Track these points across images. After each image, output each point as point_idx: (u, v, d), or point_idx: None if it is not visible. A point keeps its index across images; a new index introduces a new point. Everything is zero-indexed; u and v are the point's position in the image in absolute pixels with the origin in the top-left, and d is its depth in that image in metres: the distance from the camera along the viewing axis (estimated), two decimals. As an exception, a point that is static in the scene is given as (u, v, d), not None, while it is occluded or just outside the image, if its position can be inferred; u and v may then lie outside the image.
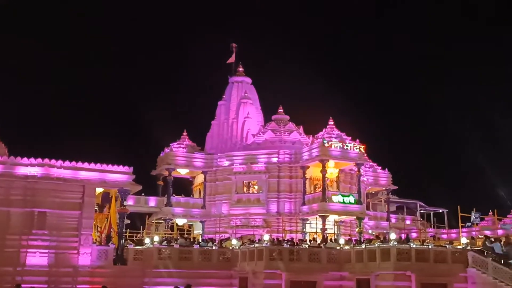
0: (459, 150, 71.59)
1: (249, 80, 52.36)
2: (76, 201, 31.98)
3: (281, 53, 70.74)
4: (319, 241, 37.17)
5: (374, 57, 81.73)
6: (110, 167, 33.25)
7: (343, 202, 41.28)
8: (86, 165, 32.71)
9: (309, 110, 55.35)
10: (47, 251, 30.59)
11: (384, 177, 50.51)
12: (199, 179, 48.29)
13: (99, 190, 33.64)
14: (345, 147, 42.07)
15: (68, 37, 74.43)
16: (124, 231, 35.20)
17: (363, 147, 42.88)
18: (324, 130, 44.42)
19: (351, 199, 41.71)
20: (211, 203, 45.96)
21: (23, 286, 27.45)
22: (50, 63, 71.11)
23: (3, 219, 30.38)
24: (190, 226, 48.62)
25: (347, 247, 32.50)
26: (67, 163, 32.27)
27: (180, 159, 46.12)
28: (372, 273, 29.35)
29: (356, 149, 42.37)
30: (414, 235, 47.01)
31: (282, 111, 49.84)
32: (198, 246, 34.25)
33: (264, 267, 30.46)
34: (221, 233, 41.28)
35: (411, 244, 29.62)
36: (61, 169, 31.98)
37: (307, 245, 33.02)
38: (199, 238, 41.97)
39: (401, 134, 72.60)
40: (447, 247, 30.45)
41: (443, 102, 76.46)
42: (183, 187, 49.81)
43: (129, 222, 40.31)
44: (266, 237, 34.59)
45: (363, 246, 31.12)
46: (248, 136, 48.66)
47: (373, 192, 51.77)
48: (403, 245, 29.23)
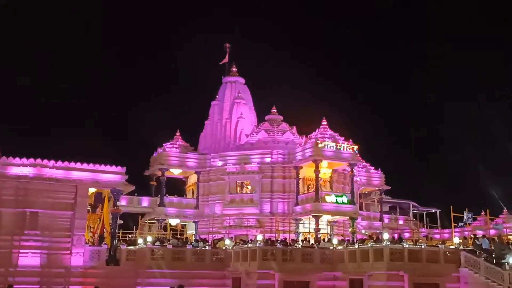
0: (451, 150, 71.87)
1: (242, 80, 52.36)
2: (68, 201, 31.93)
3: (274, 54, 70.86)
4: (311, 241, 37.25)
5: (368, 57, 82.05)
6: (102, 167, 33.21)
7: (336, 202, 41.33)
8: (78, 165, 32.68)
9: (302, 110, 55.46)
10: (39, 251, 30.52)
11: (377, 177, 50.62)
12: (192, 179, 48.23)
13: (92, 190, 33.59)
14: (338, 147, 42.12)
15: (65, 36, 74.09)
16: (117, 231, 35.17)
17: (356, 147, 42.95)
18: (317, 130, 44.46)
19: (344, 199, 41.76)
20: (204, 203, 45.91)
21: (15, 286, 27.32)
22: (43, 62, 70.99)
23: (-5, 220, 30.28)
24: (183, 226, 48.54)
25: (340, 247, 32.55)
26: (60, 163, 32.23)
27: (173, 159, 46.05)
28: (365, 273, 29.41)
29: (349, 149, 42.43)
30: (407, 235, 47.07)
31: (275, 111, 49.86)
32: (191, 246, 34.20)
33: (257, 267, 30.47)
34: (214, 233, 41.26)
35: (404, 244, 29.69)
36: (53, 169, 31.94)
37: (300, 246, 33.03)
38: (192, 238, 41.88)
39: (394, 134, 72.90)
40: (440, 247, 30.53)
41: (436, 102, 76.97)
42: (176, 187, 49.79)
43: (122, 222, 40.18)
44: (259, 237, 34.58)
45: (356, 246, 31.17)
46: (241, 136, 48.65)
47: (366, 192, 51.86)
48: (396, 245, 29.29)
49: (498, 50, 73.10)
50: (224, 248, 34.81)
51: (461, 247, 30.67)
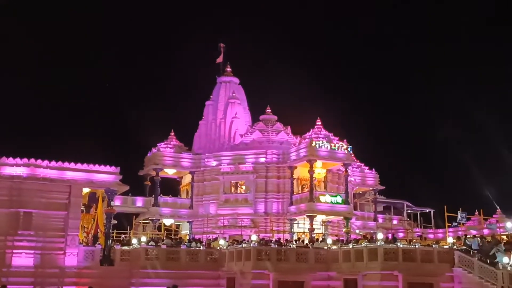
0: (445, 150, 72.06)
1: (237, 80, 52.33)
2: (62, 201, 31.82)
3: (269, 54, 70.72)
4: (306, 241, 37.27)
5: (363, 58, 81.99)
6: (96, 167, 33.12)
7: (331, 202, 41.39)
8: (72, 165, 32.57)
9: (297, 110, 55.49)
10: (33, 251, 30.39)
11: (371, 177, 50.70)
12: (187, 179, 48.18)
13: (86, 190, 33.49)
14: (333, 147, 42.17)
15: (64, 36, 73.87)
16: (111, 231, 35.10)
17: (350, 147, 43.01)
18: (311, 130, 44.47)
19: (339, 199, 41.83)
20: (199, 203, 45.87)
21: (8, 287, 27.22)
22: (40, 62, 70.73)
23: (-11, 220, 30.16)
24: (177, 226, 48.51)
25: (334, 247, 32.57)
26: (53, 163, 32.12)
27: (167, 159, 45.99)
28: (359, 273, 29.44)
29: (343, 149, 42.49)
30: (401, 235, 47.26)
31: (270, 111, 49.89)
32: (185, 246, 34.17)
33: (251, 267, 30.46)
34: (208, 233, 41.23)
35: (398, 244, 29.75)
36: (47, 169, 31.82)
37: (294, 245, 33.05)
38: (186, 238, 41.84)
39: (388, 134, 72.97)
40: (434, 247, 30.61)
41: (431, 102, 77.19)
42: (171, 187, 49.67)
43: (116, 222, 40.11)
44: (254, 237, 34.58)
45: (351, 246, 31.19)
46: (235, 136, 48.64)
47: (360, 192, 51.95)
48: (390, 245, 29.35)
49: (497, 50, 73.27)
50: (218, 248, 34.79)
51: (455, 247, 30.76)
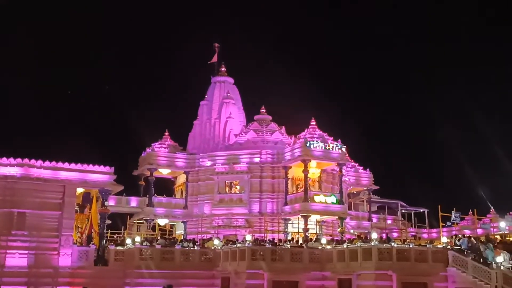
0: (440, 150, 72.25)
1: (231, 80, 52.30)
2: (56, 201, 31.74)
3: (263, 54, 70.67)
4: (300, 241, 37.28)
5: (357, 57, 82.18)
6: (91, 167, 33.04)
7: (325, 202, 41.45)
8: (66, 165, 32.49)
9: (291, 110, 55.51)
10: (27, 252, 30.31)
11: (365, 177, 50.77)
12: (181, 179, 48.11)
13: (80, 190, 33.42)
14: (327, 147, 42.22)
15: (58, 35, 73.65)
16: (105, 231, 35.02)
17: (344, 147, 43.06)
18: (306, 130, 44.47)
19: (333, 199, 41.88)
20: (193, 203, 45.82)
21: (2, 287, 27.14)
22: (35, 62, 70.49)
23: (-18, 220, 30.05)
24: (172, 226, 48.44)
25: (329, 247, 32.60)
26: (47, 163, 32.03)
27: (162, 159, 45.90)
28: (353, 272, 29.49)
29: (338, 149, 42.53)
30: (395, 235, 47.38)
31: (264, 111, 49.88)
32: (179, 246, 34.13)
33: (246, 267, 30.46)
34: (203, 233, 41.17)
35: (393, 243, 29.80)
36: (41, 169, 31.74)
37: (289, 245, 33.06)
38: (181, 238, 41.79)
39: (383, 134, 73.13)
40: (428, 246, 30.68)
41: (426, 102, 77.35)
42: (165, 187, 49.57)
43: (110, 222, 39.98)
44: (248, 237, 34.58)
45: (345, 246, 31.23)
46: (230, 136, 48.61)
47: (354, 192, 52.00)
48: (385, 245, 29.40)
49: (497, 50, 73.45)
50: (213, 248, 34.76)
51: (449, 247, 30.84)
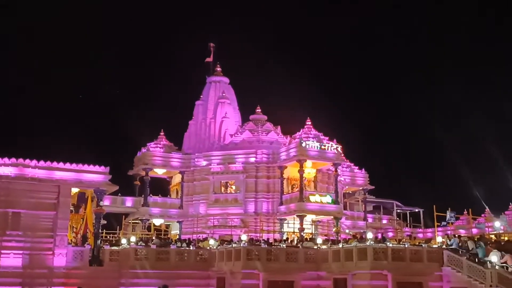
0: (435, 150, 72.42)
1: (226, 80, 52.29)
2: (51, 201, 31.61)
3: (259, 53, 70.70)
4: (294, 241, 37.24)
5: (353, 57, 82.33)
6: (86, 167, 32.93)
7: (321, 202, 41.50)
8: (61, 165, 32.36)
9: (286, 110, 55.53)
10: (21, 252, 30.16)
11: (361, 177, 50.82)
12: (177, 179, 48.07)
13: (75, 190, 33.29)
14: (323, 147, 42.24)
15: (52, 35, 73.50)
16: (100, 231, 34.93)
17: (340, 147, 43.09)
18: (301, 130, 44.52)
19: (328, 199, 41.92)
20: (189, 203, 45.78)
21: (-4, 287, 27.06)
22: (29, 61, 70.34)
23: (-23, 220, 29.93)
24: (167, 226, 48.37)
25: (324, 247, 32.59)
26: (42, 163, 31.90)
27: (157, 159, 45.84)
28: (349, 272, 29.47)
29: (333, 149, 42.57)
30: (390, 235, 47.45)
31: (259, 111, 49.88)
32: (174, 246, 34.08)
33: (241, 267, 30.41)
34: (198, 233, 41.13)
35: (388, 243, 29.79)
36: (35, 169, 31.60)
37: (284, 245, 33.05)
38: (175, 238, 41.72)
39: (378, 134, 73.29)
40: (423, 246, 30.70)
41: (420, 102, 77.46)
42: (160, 187, 49.55)
43: (105, 222, 39.87)
44: (244, 237, 34.55)
45: (340, 245, 31.21)
46: (225, 136, 48.59)
47: (350, 192, 52.06)
48: (380, 245, 29.36)
49: (493, 50, 73.63)
50: (208, 248, 34.72)
51: (444, 246, 30.88)
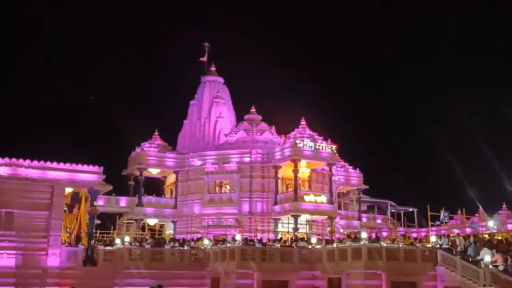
0: (428, 150, 72.58)
1: (221, 79, 52.22)
2: (44, 201, 31.53)
3: (253, 53, 70.65)
4: (288, 241, 37.26)
5: (347, 57, 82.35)
6: (79, 167, 32.84)
7: (315, 201, 41.49)
8: (55, 164, 32.28)
9: (281, 110, 55.55)
10: (14, 252, 30.08)
11: (355, 176, 50.87)
12: (171, 179, 47.99)
13: (69, 190, 33.19)
14: (317, 147, 42.26)
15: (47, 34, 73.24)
16: (94, 231, 34.80)
17: (334, 147, 43.11)
18: (296, 130, 44.53)
19: (323, 199, 41.94)
20: (183, 203, 45.70)
21: (-10, 288, 26.96)
22: (23, 60, 70.10)
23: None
24: (161, 226, 48.27)
25: (318, 247, 32.61)
26: (35, 163, 31.81)
27: (151, 158, 45.75)
28: (343, 272, 29.51)
29: (328, 149, 42.59)
30: (385, 234, 47.53)
31: (254, 110, 49.85)
32: (169, 246, 34.04)
33: (236, 267, 30.40)
34: (193, 233, 41.08)
35: (382, 243, 29.84)
36: (29, 169, 31.51)
37: (278, 245, 33.05)
38: (169, 238, 41.65)
39: (372, 134, 73.38)
40: (417, 245, 30.76)
41: (414, 102, 77.64)
42: (155, 187, 49.45)
43: (99, 222, 39.79)
44: (238, 237, 34.53)
45: (335, 245, 31.25)
46: (220, 135, 48.53)
47: (344, 191, 52.10)
48: (374, 244, 29.41)
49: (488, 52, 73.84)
50: (203, 248, 34.68)
51: (438, 246, 30.96)
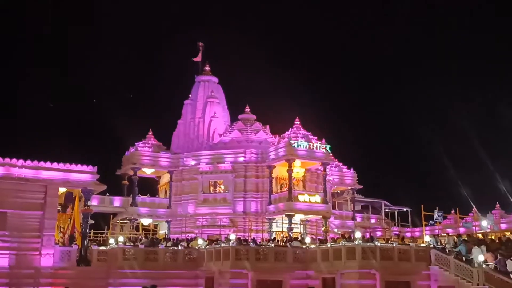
0: (422, 149, 72.77)
1: (215, 79, 52.20)
2: (38, 201, 31.45)
3: (251, 53, 70.62)
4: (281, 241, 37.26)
5: (341, 57, 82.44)
6: (73, 167, 32.76)
7: (309, 201, 41.51)
8: (48, 164, 32.19)
9: (275, 109, 55.56)
10: (8, 252, 30.00)
11: (349, 176, 50.95)
12: (165, 178, 47.92)
13: (62, 190, 33.11)
14: (311, 146, 42.28)
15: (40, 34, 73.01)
16: (88, 231, 34.74)
17: (329, 146, 43.16)
18: (290, 129, 44.53)
19: (317, 199, 41.97)
20: (177, 203, 45.64)
21: (-18, 288, 26.86)
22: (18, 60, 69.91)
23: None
24: (155, 226, 48.19)
25: (313, 246, 32.63)
26: (29, 163, 31.73)
27: (145, 158, 45.65)
28: (337, 271, 29.53)
29: (322, 148, 42.63)
30: (379, 234, 47.62)
31: (248, 110, 49.84)
32: (163, 246, 33.99)
33: (230, 266, 30.39)
34: (187, 233, 41.04)
35: (376, 242, 29.88)
36: (22, 169, 31.43)
37: (273, 245, 33.06)
38: (162, 238, 41.57)
39: (366, 134, 73.45)
40: (411, 245, 30.82)
41: (407, 102, 77.75)
42: (149, 186, 49.34)
43: (93, 222, 39.70)
44: (232, 236, 34.51)
45: (329, 245, 31.27)
46: (214, 135, 48.50)
47: (338, 191, 52.18)
48: (368, 244, 29.44)
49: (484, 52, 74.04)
50: (197, 247, 34.64)
51: (432, 245, 31.03)
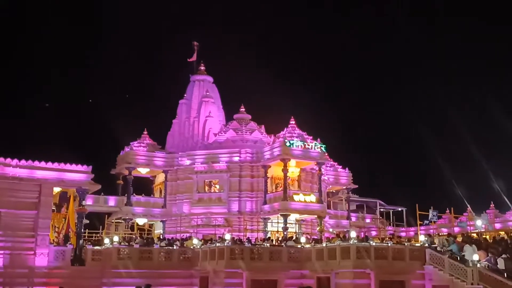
0: (418, 149, 72.90)
1: (210, 78, 52.16)
2: (32, 200, 31.34)
3: (242, 52, 70.62)
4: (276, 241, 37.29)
5: (337, 57, 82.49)
6: (68, 166, 32.68)
7: (304, 201, 41.54)
8: (43, 164, 32.09)
9: (271, 109, 55.58)
10: (2, 252, 29.89)
11: (344, 176, 51.01)
12: (160, 178, 47.87)
13: (57, 189, 33.02)
14: (307, 146, 42.31)
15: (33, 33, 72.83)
16: (82, 231, 34.70)
17: (324, 146, 43.21)
18: (285, 129, 44.51)
19: (312, 198, 42.00)
20: (172, 203, 45.60)
21: (-24, 288, 26.75)
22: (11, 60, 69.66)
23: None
24: (150, 225, 48.15)
25: (308, 246, 32.66)
26: (23, 162, 31.61)
27: (140, 158, 45.59)
28: (332, 271, 29.54)
29: (317, 148, 42.66)
30: (373, 233, 47.73)
31: (243, 110, 49.84)
32: (157, 246, 33.96)
33: (225, 266, 30.37)
34: (182, 233, 41.01)
35: (371, 242, 29.93)
36: (17, 168, 31.31)
37: (268, 244, 33.07)
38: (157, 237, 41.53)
39: (361, 133, 73.60)
40: (406, 245, 30.88)
41: (403, 101, 77.92)
42: (144, 186, 49.27)
43: (88, 222, 39.66)
44: (227, 236, 34.51)
45: (324, 244, 31.31)
46: (209, 135, 48.48)
47: (333, 191, 52.26)
48: (363, 243, 29.46)
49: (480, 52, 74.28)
50: (192, 247, 34.63)
51: (426, 245, 31.11)
